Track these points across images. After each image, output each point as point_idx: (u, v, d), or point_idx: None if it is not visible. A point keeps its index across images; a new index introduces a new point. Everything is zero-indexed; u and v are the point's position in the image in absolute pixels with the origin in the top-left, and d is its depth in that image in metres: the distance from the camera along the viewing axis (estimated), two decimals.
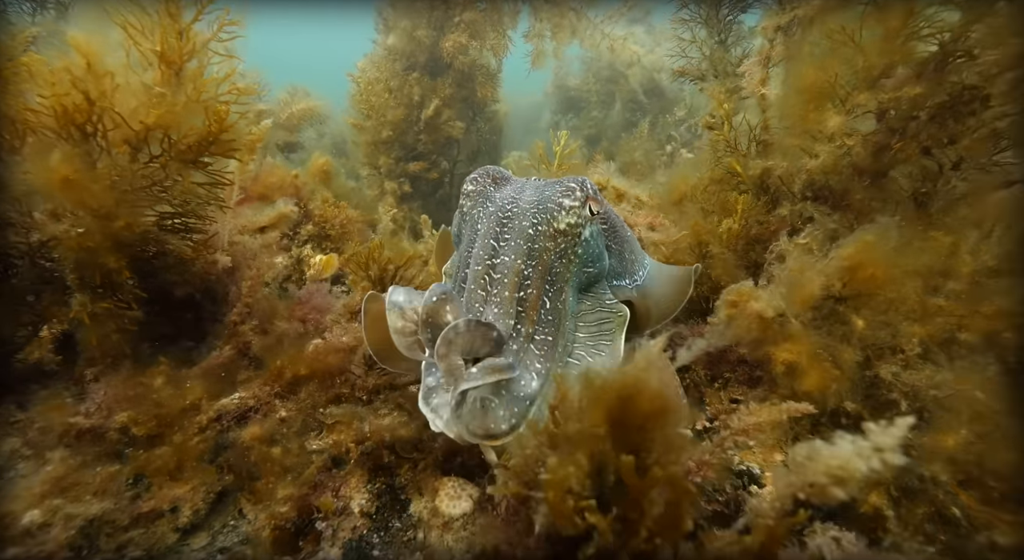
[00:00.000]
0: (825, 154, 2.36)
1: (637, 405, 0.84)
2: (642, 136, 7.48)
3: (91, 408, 1.47)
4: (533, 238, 1.54)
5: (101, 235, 1.70)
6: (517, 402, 1.26)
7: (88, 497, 1.31)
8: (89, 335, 1.76)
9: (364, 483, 1.52)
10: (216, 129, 1.80)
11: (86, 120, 1.65)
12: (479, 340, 1.25)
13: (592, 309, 1.67)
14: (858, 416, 1.73)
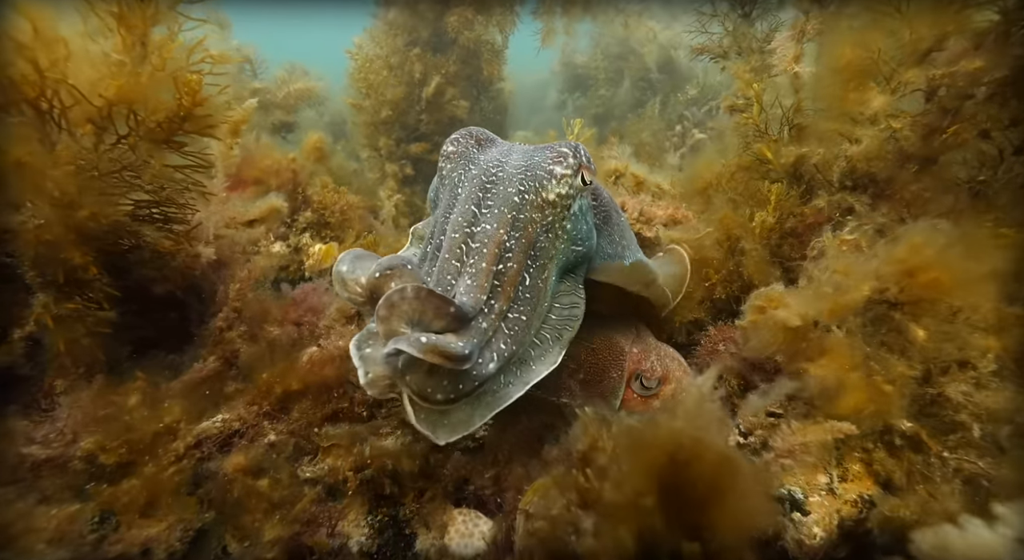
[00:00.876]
0: (868, 139, 2.14)
1: (696, 472, 0.65)
2: (653, 116, 7.19)
3: (51, 434, 1.29)
4: (519, 207, 1.39)
5: (62, 227, 1.51)
6: (464, 379, 1.16)
7: (41, 546, 1.14)
8: (55, 340, 1.58)
9: (364, 515, 1.36)
10: (188, 103, 1.58)
11: (38, 94, 1.44)
12: (430, 313, 1.15)
13: (568, 291, 1.54)
14: (916, 437, 1.55)
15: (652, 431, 0.68)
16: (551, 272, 1.44)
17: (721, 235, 2.26)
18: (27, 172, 1.46)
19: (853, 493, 1.60)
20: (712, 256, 2.27)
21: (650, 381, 1.57)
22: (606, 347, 1.58)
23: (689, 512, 0.66)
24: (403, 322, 1.14)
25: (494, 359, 1.22)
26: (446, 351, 1.08)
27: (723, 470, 0.64)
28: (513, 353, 1.27)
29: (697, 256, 2.30)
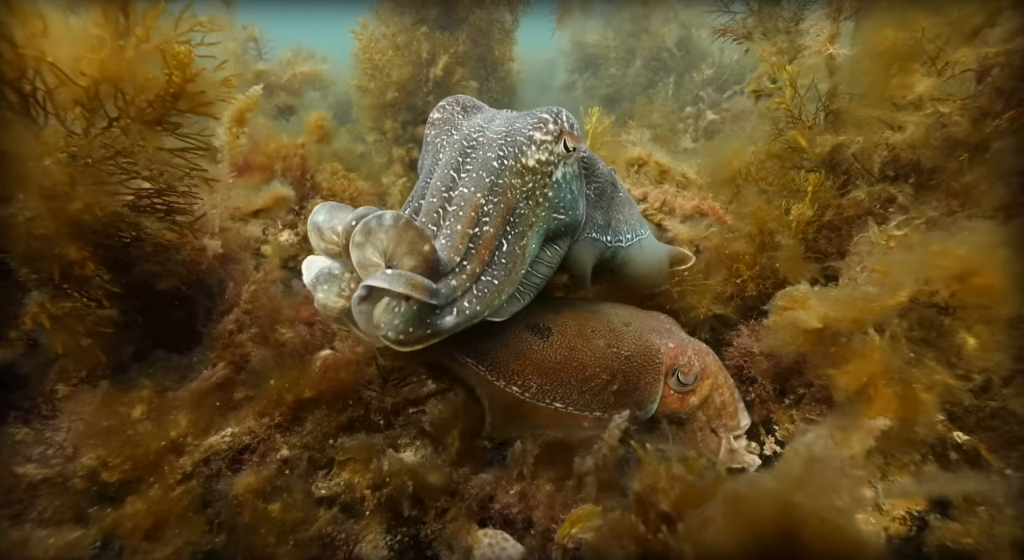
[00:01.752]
0: (913, 125, 1.99)
1: (809, 543, 0.55)
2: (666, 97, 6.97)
3: (49, 450, 1.21)
4: (498, 172, 1.37)
5: (55, 220, 1.40)
6: (418, 324, 1.18)
7: None
8: (53, 341, 1.49)
9: (382, 535, 1.28)
10: (178, 79, 1.46)
11: (18, 75, 1.32)
12: (405, 245, 1.16)
13: (550, 262, 1.54)
14: (974, 451, 1.45)
15: (758, 493, 0.57)
16: (531, 240, 1.41)
17: (754, 229, 2.13)
18: (12, 162, 1.35)
19: (901, 510, 1.51)
20: (744, 251, 2.14)
21: (687, 377, 1.50)
22: (640, 352, 1.49)
23: None
24: (377, 252, 1.15)
25: (454, 314, 1.23)
26: (416, 280, 1.11)
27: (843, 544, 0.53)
28: (477, 314, 1.27)
29: (726, 250, 2.18)
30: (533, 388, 1.43)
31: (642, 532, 0.74)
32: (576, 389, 1.45)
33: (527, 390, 1.43)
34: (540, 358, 1.44)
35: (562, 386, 1.44)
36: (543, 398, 1.44)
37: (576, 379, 1.45)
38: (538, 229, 1.43)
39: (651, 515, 0.76)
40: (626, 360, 1.47)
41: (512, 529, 1.30)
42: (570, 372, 1.45)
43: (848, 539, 0.54)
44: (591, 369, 1.45)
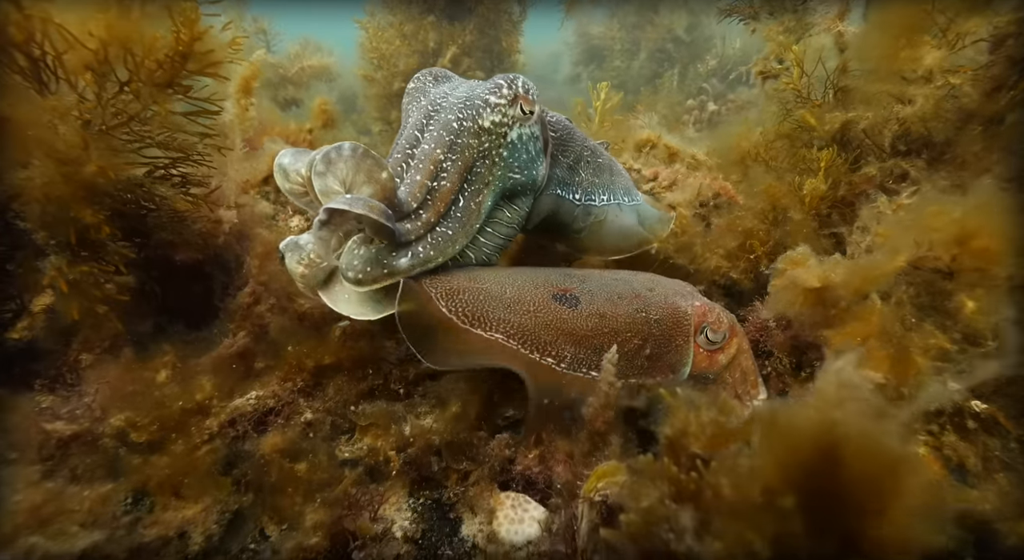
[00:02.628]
0: (923, 98, 1.98)
1: (859, 472, 0.55)
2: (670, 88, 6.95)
3: (78, 410, 1.22)
4: (457, 132, 1.49)
5: (70, 183, 1.41)
6: (375, 264, 1.31)
7: (75, 528, 1.07)
8: (69, 306, 1.49)
9: (405, 498, 1.29)
10: (186, 38, 1.47)
11: (27, 37, 1.33)
12: (363, 174, 1.27)
13: (510, 222, 1.65)
14: (992, 419, 1.45)
15: (797, 419, 0.58)
16: (486, 197, 1.53)
17: (766, 205, 2.14)
18: (24, 128, 1.35)
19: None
20: (756, 227, 2.14)
21: (717, 334, 1.48)
22: (668, 315, 1.49)
23: (843, 519, 0.56)
24: (338, 181, 1.28)
25: (408, 256, 1.36)
26: (374, 203, 1.23)
27: (894, 472, 0.54)
28: (430, 258, 1.39)
29: (739, 228, 2.18)
30: (568, 358, 1.40)
31: (674, 473, 0.74)
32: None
33: (562, 361, 1.40)
34: (571, 327, 1.42)
35: (596, 354, 1.41)
36: (579, 367, 1.40)
37: (608, 345, 1.41)
38: (494, 187, 1.54)
39: (683, 459, 0.77)
40: (656, 323, 1.47)
41: (534, 490, 1.31)
42: (603, 339, 1.42)
43: (889, 455, 0.55)
44: (623, 334, 1.43)
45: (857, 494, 0.55)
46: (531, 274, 1.60)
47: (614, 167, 2.06)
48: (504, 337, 1.39)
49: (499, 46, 5.08)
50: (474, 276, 1.52)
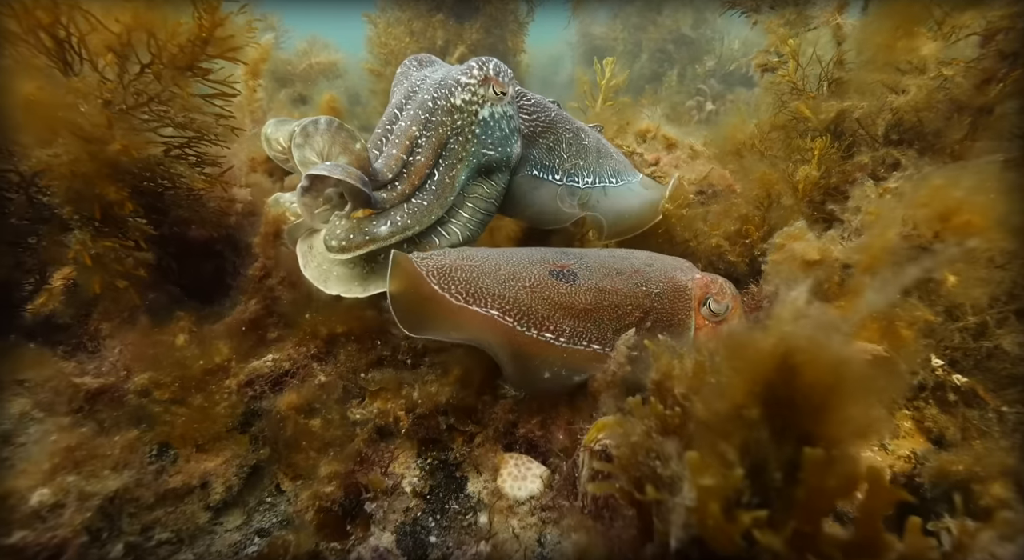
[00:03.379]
0: (916, 88, 2.05)
1: (811, 376, 0.62)
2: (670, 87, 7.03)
3: (104, 367, 1.29)
4: (432, 111, 1.59)
5: (95, 161, 1.47)
6: (357, 232, 1.44)
7: (106, 471, 1.14)
8: (91, 280, 1.54)
9: (414, 458, 1.35)
10: (208, 23, 1.54)
11: (53, 20, 1.39)
12: (339, 145, 1.40)
13: (488, 197, 1.74)
14: (972, 392, 1.52)
15: (756, 336, 0.65)
16: (460, 171, 1.63)
17: (761, 192, 2.20)
18: (40, 108, 1.41)
19: (906, 450, 1.57)
20: (751, 213, 2.21)
21: (720, 305, 1.49)
22: (669, 288, 1.50)
23: (800, 421, 0.63)
24: (315, 152, 1.42)
25: (387, 224, 1.48)
26: (351, 169, 1.35)
27: (841, 373, 0.60)
28: (407, 226, 1.50)
29: (735, 214, 2.25)
30: (567, 332, 1.40)
31: (660, 410, 0.81)
32: (611, 329, 1.43)
33: (560, 335, 1.40)
34: (569, 302, 1.43)
35: (596, 326, 1.42)
36: (579, 341, 1.40)
37: (609, 318, 1.43)
38: (468, 163, 1.64)
39: (668, 399, 0.83)
40: (656, 297, 1.48)
41: (536, 453, 1.38)
42: (603, 312, 1.43)
43: (832, 355, 0.61)
44: (623, 308, 1.44)
45: (810, 397, 0.61)
46: (527, 253, 1.62)
47: (602, 149, 2.10)
48: (500, 313, 1.39)
49: (504, 46, 5.15)
50: (467, 255, 1.54)
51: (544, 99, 2.00)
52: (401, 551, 1.17)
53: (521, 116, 1.83)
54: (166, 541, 1.17)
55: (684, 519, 0.63)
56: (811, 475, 0.59)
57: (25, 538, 1.00)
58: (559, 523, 1.16)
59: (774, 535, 0.59)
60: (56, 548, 1.02)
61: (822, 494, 0.59)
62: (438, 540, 1.20)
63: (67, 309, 1.72)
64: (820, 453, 0.58)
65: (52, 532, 1.03)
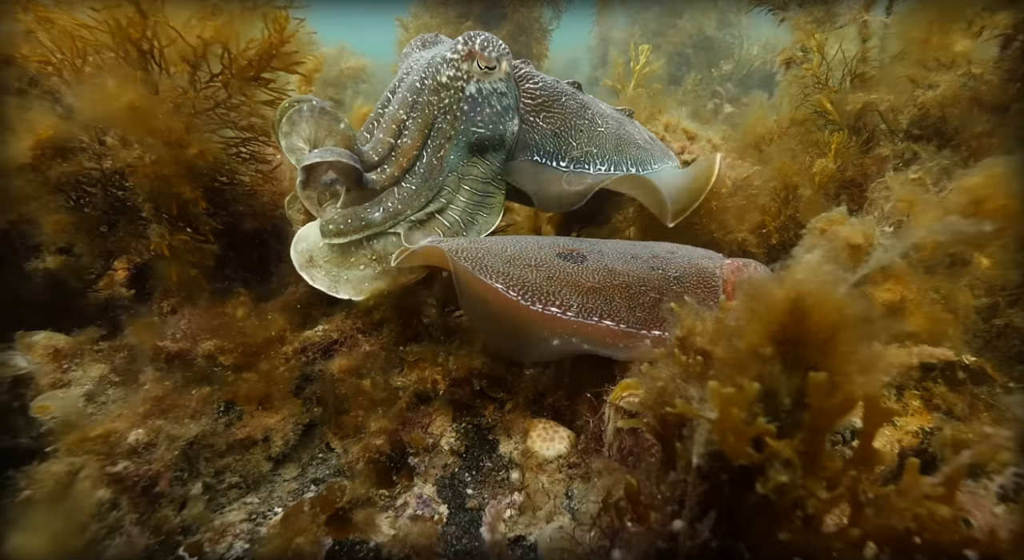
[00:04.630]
0: (945, 84, 2.09)
1: (818, 316, 0.72)
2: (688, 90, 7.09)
3: (177, 334, 1.44)
4: (419, 91, 1.60)
5: (175, 164, 1.63)
6: (353, 218, 1.53)
7: (186, 420, 1.28)
8: (169, 269, 1.69)
9: (449, 423, 1.47)
10: (276, 39, 1.68)
11: (141, 35, 1.55)
12: (324, 128, 1.49)
13: (485, 177, 1.71)
14: (980, 370, 1.58)
15: (772, 284, 0.74)
16: (448, 151, 1.62)
17: (778, 184, 2.28)
18: (139, 115, 1.55)
19: (914, 425, 1.64)
20: (768, 204, 2.29)
21: None
22: (691, 273, 1.47)
23: (808, 356, 0.72)
24: (302, 139, 1.51)
25: (379, 210, 1.55)
26: (337, 150, 1.44)
27: (844, 313, 0.70)
28: (399, 211, 1.57)
29: (750, 204, 2.32)
30: (574, 306, 1.38)
31: (683, 360, 0.91)
32: (625, 306, 1.40)
33: (568, 309, 1.38)
34: (575, 280, 1.42)
35: (607, 303, 1.39)
36: (589, 315, 1.38)
37: (621, 297, 1.40)
38: (456, 141, 1.63)
39: (690, 352, 0.94)
40: (675, 280, 1.44)
41: (562, 420, 1.48)
42: (613, 291, 1.41)
43: (837, 300, 0.70)
44: (636, 288, 1.41)
45: (816, 334, 0.71)
46: (537, 239, 1.62)
47: (624, 136, 2.00)
48: (504, 287, 1.38)
49: (528, 52, 5.27)
50: (475, 239, 1.58)
51: (558, 82, 1.93)
52: (442, 500, 1.29)
53: (524, 100, 1.78)
54: (235, 485, 1.31)
55: (706, 435, 0.73)
56: (815, 397, 0.69)
57: (127, 468, 1.15)
58: (586, 476, 1.26)
59: (783, 443, 0.69)
60: (151, 479, 1.17)
61: (824, 413, 0.69)
62: (474, 492, 1.32)
63: (126, 293, 1.89)
64: (823, 376, 0.68)
65: (148, 465, 1.17)
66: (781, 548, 0.72)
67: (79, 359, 1.52)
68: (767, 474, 0.70)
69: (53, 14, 1.56)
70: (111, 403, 1.41)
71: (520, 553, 1.15)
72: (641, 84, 2.95)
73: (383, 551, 1.14)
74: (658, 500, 0.83)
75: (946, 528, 0.75)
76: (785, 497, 0.71)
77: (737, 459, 0.71)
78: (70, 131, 1.57)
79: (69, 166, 1.61)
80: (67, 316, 1.70)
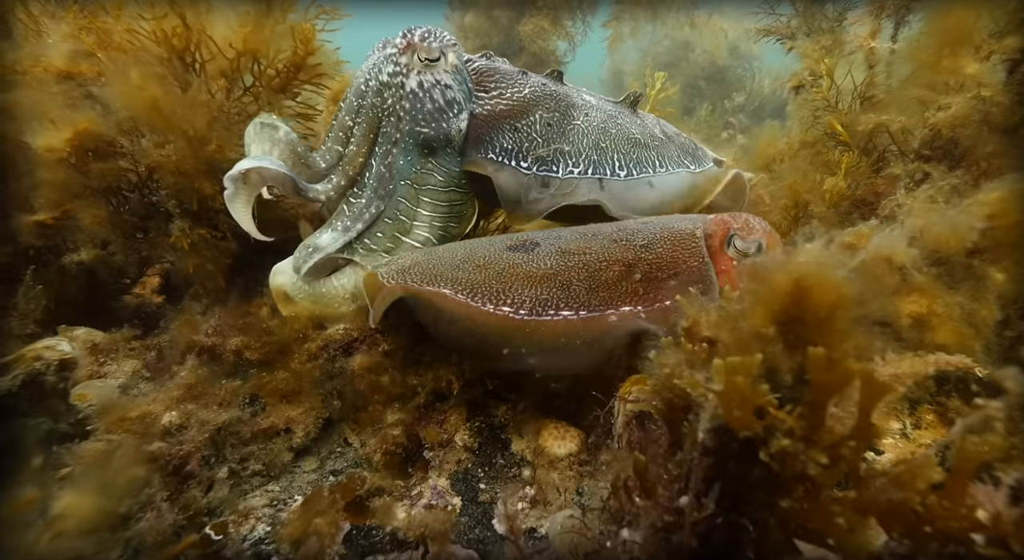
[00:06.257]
0: (957, 105, 2.14)
1: (817, 296, 0.76)
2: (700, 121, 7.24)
3: (208, 330, 1.52)
4: (363, 94, 1.53)
5: (195, 159, 1.71)
6: (301, 250, 1.54)
7: (215, 407, 1.35)
8: (187, 262, 1.77)
9: (463, 421, 1.51)
10: (303, 52, 1.79)
11: (185, 47, 1.68)
12: (267, 141, 1.50)
13: (445, 185, 1.57)
14: (992, 384, 1.57)
15: (775, 268, 0.79)
16: (396, 156, 1.52)
17: (789, 201, 2.33)
18: (163, 109, 1.63)
19: (927, 438, 1.63)
20: (779, 222, 2.33)
21: (747, 241, 1.28)
22: (663, 238, 1.33)
23: (808, 334, 0.76)
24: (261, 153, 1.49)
25: (328, 232, 1.53)
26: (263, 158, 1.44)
27: (841, 293, 0.74)
28: (348, 228, 1.53)
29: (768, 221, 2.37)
30: (528, 302, 1.25)
31: (689, 348, 0.95)
32: (584, 288, 1.26)
33: (521, 306, 1.24)
34: (526, 270, 1.29)
35: (563, 290, 1.26)
36: (544, 310, 1.24)
37: (579, 278, 1.27)
38: (403, 144, 1.51)
39: (696, 341, 0.98)
40: (643, 248, 1.31)
41: (572, 420, 1.51)
42: (569, 274, 1.27)
43: (835, 281, 0.75)
44: (596, 265, 1.28)
45: (816, 312, 0.75)
46: (490, 238, 1.54)
47: (612, 132, 1.75)
48: (452, 291, 1.28)
49: None
50: (429, 251, 1.50)
51: (525, 73, 1.77)
52: (455, 492, 1.32)
53: (478, 93, 1.61)
54: (258, 473, 1.36)
55: (712, 410, 0.77)
56: (814, 371, 0.73)
57: (161, 448, 1.21)
58: (596, 473, 1.29)
59: (784, 411, 0.73)
60: (182, 459, 1.23)
61: (823, 387, 0.73)
62: (487, 487, 1.35)
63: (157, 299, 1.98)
64: (822, 351, 0.72)
65: (180, 446, 1.23)
66: (784, 517, 0.74)
67: (114, 354, 1.61)
68: (769, 445, 0.73)
69: (109, 25, 1.69)
70: (142, 396, 1.48)
71: (532, 543, 1.17)
72: (656, 109, 3.04)
73: (399, 535, 1.17)
74: (665, 479, 0.86)
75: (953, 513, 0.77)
76: (787, 468, 0.74)
77: (741, 430, 0.75)
78: (106, 126, 1.66)
79: (105, 164, 1.70)
80: (103, 316, 1.80)
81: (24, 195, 1.66)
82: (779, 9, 3.20)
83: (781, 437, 0.72)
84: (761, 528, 0.77)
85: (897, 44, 2.55)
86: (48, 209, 1.65)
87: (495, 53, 5.33)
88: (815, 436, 0.73)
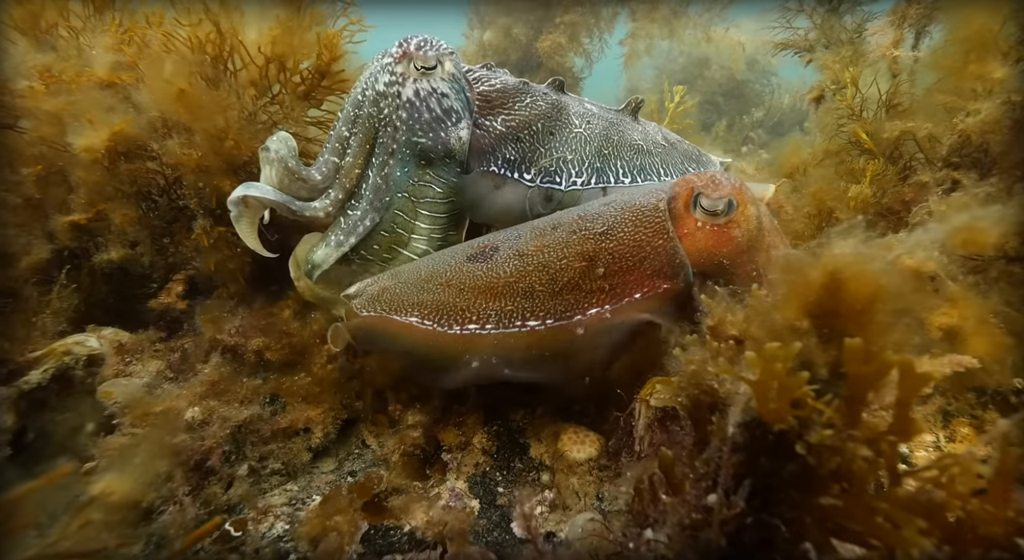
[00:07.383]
0: (986, 110, 2.10)
1: (855, 289, 0.74)
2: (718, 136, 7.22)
3: (232, 330, 1.54)
4: (359, 104, 1.51)
5: (215, 155, 1.73)
6: (296, 268, 1.53)
7: (236, 404, 1.36)
8: (207, 260, 1.79)
9: (481, 424, 1.49)
10: (327, 58, 1.82)
11: (217, 53, 1.73)
12: (266, 165, 1.51)
13: (444, 197, 1.54)
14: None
15: (809, 260, 0.77)
16: (393, 167, 1.49)
17: (812, 209, 2.29)
18: (188, 102, 1.64)
19: (961, 450, 1.57)
20: (802, 229, 2.29)
21: (714, 199, 1.17)
22: (621, 221, 1.24)
23: (844, 327, 0.74)
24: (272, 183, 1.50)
25: (322, 247, 1.53)
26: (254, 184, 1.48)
27: (880, 284, 0.72)
28: (341, 242, 1.52)
29: (785, 230, 2.33)
30: (492, 316, 1.19)
31: (715, 346, 0.93)
32: (546, 293, 1.19)
33: (487, 322, 1.19)
34: (485, 282, 1.23)
35: (526, 298, 1.19)
36: (510, 323, 1.18)
37: (541, 282, 1.19)
38: (400, 155, 1.49)
39: (722, 339, 0.96)
40: (602, 236, 1.22)
41: (591, 425, 1.49)
42: (530, 278, 1.20)
43: (873, 274, 0.72)
44: (556, 265, 1.20)
45: (852, 305, 0.73)
46: (452, 248, 1.45)
47: (614, 139, 1.75)
48: (419, 319, 1.23)
49: None
50: (396, 272, 1.42)
51: (526, 83, 1.75)
52: (473, 495, 1.30)
53: (478, 103, 1.60)
54: (277, 471, 1.36)
55: (744, 403, 0.75)
56: (851, 364, 0.70)
57: (184, 441, 1.22)
58: (616, 479, 1.25)
59: (824, 404, 0.70)
60: (204, 454, 1.23)
61: (860, 380, 0.70)
62: (505, 490, 1.32)
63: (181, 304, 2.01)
64: (859, 342, 0.70)
65: (202, 440, 1.24)
66: (821, 515, 0.71)
67: (139, 355, 1.63)
68: (808, 437, 0.71)
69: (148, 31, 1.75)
70: (165, 394, 1.50)
71: (551, 548, 1.14)
72: (675, 122, 3.04)
73: (417, 534, 1.15)
74: (691, 478, 0.84)
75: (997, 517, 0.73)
76: (824, 465, 0.71)
77: (776, 423, 0.72)
78: (138, 127, 1.69)
79: (133, 165, 1.74)
80: (130, 319, 1.83)
81: (62, 197, 1.71)
82: (796, 23, 3.19)
83: (821, 429, 0.70)
84: (795, 528, 0.74)
85: (919, 53, 2.52)
86: (83, 209, 1.70)
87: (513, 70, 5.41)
88: (853, 429, 0.71)
